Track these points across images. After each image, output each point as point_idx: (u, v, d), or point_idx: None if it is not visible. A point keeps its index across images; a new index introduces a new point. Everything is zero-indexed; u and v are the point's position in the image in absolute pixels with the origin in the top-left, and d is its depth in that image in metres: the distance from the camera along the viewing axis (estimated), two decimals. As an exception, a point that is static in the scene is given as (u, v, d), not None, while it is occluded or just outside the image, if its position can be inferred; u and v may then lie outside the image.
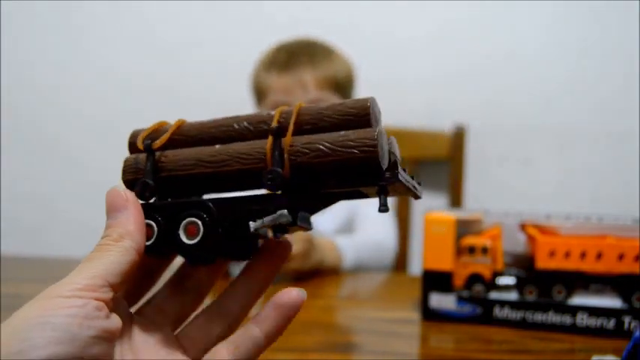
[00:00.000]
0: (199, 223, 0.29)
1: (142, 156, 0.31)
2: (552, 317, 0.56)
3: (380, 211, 0.28)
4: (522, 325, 0.57)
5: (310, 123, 0.29)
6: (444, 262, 0.59)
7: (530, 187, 1.29)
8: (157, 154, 0.31)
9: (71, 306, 0.23)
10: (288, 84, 0.98)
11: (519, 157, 1.29)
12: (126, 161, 0.32)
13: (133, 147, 0.32)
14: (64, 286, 0.24)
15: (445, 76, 1.27)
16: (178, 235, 0.29)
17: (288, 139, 0.28)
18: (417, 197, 0.31)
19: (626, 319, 0.54)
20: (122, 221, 0.27)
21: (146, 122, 0.33)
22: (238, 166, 0.29)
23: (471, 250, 0.58)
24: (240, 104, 0.97)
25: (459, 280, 0.59)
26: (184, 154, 0.30)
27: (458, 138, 1.19)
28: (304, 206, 0.29)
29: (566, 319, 0.56)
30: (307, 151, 0.27)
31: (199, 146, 0.30)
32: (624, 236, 0.56)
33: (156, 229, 0.29)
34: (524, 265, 0.59)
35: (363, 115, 0.28)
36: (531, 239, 0.59)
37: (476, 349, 0.52)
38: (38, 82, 1.39)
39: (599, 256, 0.55)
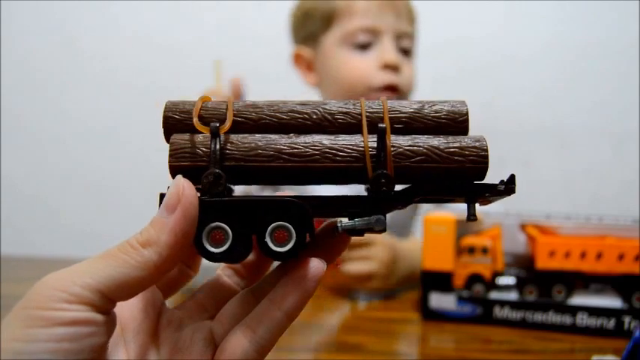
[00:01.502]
0: (291, 228, 0.25)
1: (201, 138, 0.26)
2: (552, 317, 0.56)
3: (469, 220, 0.27)
4: (522, 325, 0.57)
5: (402, 122, 0.27)
6: (444, 262, 0.59)
7: (530, 188, 1.28)
8: (222, 138, 0.26)
9: (55, 323, 0.21)
10: (379, 3, 0.82)
11: (519, 158, 1.29)
12: (175, 143, 0.26)
13: (171, 123, 0.27)
14: (49, 292, 0.22)
15: (445, 76, 1.27)
16: (265, 242, 0.25)
17: (389, 138, 0.26)
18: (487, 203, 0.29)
19: (626, 319, 0.54)
20: (160, 225, 0.23)
21: (146, 122, 0.32)
22: (328, 163, 0.26)
23: (471, 250, 0.58)
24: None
25: (459, 280, 0.59)
26: (256, 142, 0.26)
27: (458, 138, 1.19)
28: (394, 206, 0.27)
29: (566, 319, 0.56)
30: (412, 154, 0.26)
31: (266, 133, 0.27)
32: (624, 236, 0.56)
33: (230, 233, 0.25)
34: (524, 265, 0.59)
35: (462, 121, 0.27)
36: (531, 239, 0.59)
37: (476, 349, 0.52)
38: (38, 82, 1.39)
39: (599, 256, 0.55)
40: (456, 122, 0.27)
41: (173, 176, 0.25)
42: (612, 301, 0.55)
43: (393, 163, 0.26)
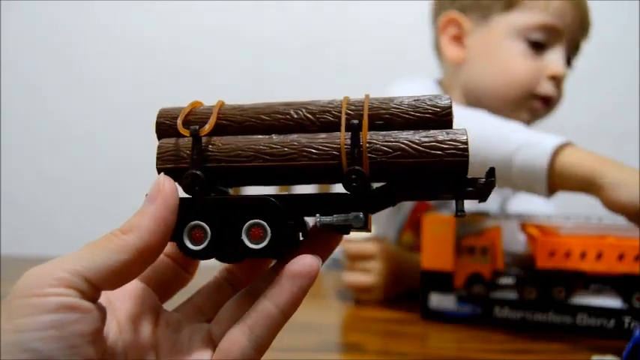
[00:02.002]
0: (266, 225, 0.26)
1: (183, 141, 0.27)
2: (552, 317, 0.56)
3: (457, 215, 0.26)
4: (522, 325, 0.57)
5: (383, 118, 0.26)
6: (444, 262, 0.59)
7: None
8: (204, 140, 0.27)
9: (42, 310, 0.21)
10: (570, 5, 0.76)
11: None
12: (162, 147, 0.28)
13: (163, 128, 0.28)
14: (35, 279, 0.22)
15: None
16: (241, 239, 0.26)
17: (365, 135, 0.26)
18: (484, 200, 0.28)
19: (626, 319, 0.54)
20: (140, 214, 0.25)
21: (146, 123, 0.32)
22: (305, 161, 0.26)
23: (471, 250, 0.58)
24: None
25: (459, 280, 0.59)
26: (237, 143, 0.27)
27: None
28: (373, 207, 0.26)
29: (566, 319, 0.56)
30: (388, 149, 0.25)
31: (249, 134, 0.27)
32: (624, 236, 0.56)
33: (209, 231, 0.26)
34: (524, 265, 0.59)
35: (444, 115, 0.26)
36: (531, 239, 0.59)
37: (476, 349, 0.52)
38: (38, 82, 1.39)
39: (599, 256, 0.55)
40: (437, 116, 0.26)
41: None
42: (612, 301, 0.55)
43: (368, 159, 0.25)
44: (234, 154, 0.27)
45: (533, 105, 0.77)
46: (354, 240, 0.69)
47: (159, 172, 0.27)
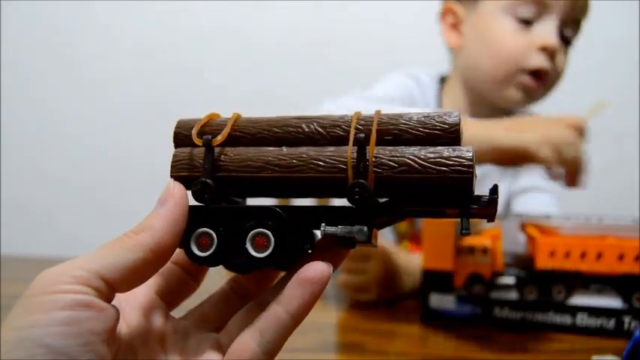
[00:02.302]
0: (270, 234, 0.26)
1: (197, 151, 0.28)
2: (552, 317, 0.56)
3: (462, 234, 0.26)
4: (522, 325, 0.57)
5: (392, 133, 0.27)
6: (444, 262, 0.59)
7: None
8: (217, 150, 0.28)
9: (57, 307, 0.22)
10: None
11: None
12: (177, 155, 0.29)
13: (180, 139, 0.29)
14: (50, 277, 0.23)
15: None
16: (245, 247, 0.26)
17: (372, 149, 0.26)
18: (492, 220, 0.28)
19: (626, 319, 0.54)
20: (153, 216, 0.25)
21: (147, 123, 0.33)
22: (312, 173, 0.26)
23: (471, 250, 0.58)
24: (242, 104, 0.97)
25: (459, 280, 0.59)
26: (247, 153, 0.28)
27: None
28: (379, 222, 0.27)
29: (566, 319, 0.56)
30: (394, 164, 0.25)
31: (262, 146, 0.28)
32: (624, 236, 0.56)
33: (216, 238, 0.27)
34: (524, 265, 0.59)
35: (452, 132, 0.26)
36: (531, 239, 0.59)
37: (476, 349, 0.52)
38: (39, 82, 1.39)
39: (599, 256, 0.55)
40: (446, 132, 0.26)
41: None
42: (612, 301, 0.55)
43: (374, 173, 0.26)
44: (245, 164, 0.27)
45: (523, 80, 0.77)
46: None
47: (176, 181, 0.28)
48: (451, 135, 0.26)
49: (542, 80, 0.78)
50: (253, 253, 0.26)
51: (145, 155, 1.33)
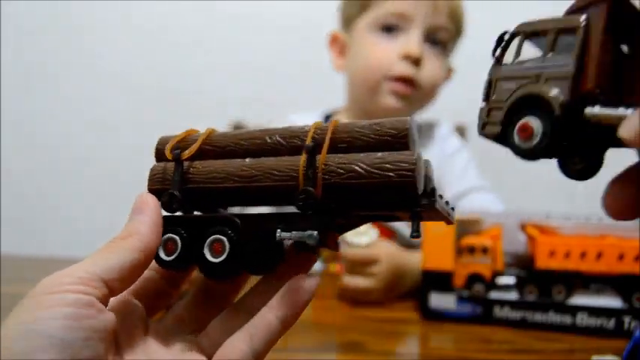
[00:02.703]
0: (225, 240, 0.28)
1: (170, 165, 0.30)
2: (552, 317, 0.56)
3: (412, 237, 0.27)
4: (522, 325, 0.57)
5: (346, 141, 0.27)
6: (444, 261, 0.59)
7: (530, 187, 1.28)
8: (186, 164, 0.30)
9: (60, 304, 0.23)
10: None
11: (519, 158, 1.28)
12: (153, 170, 0.31)
13: (160, 154, 0.31)
14: (55, 279, 0.24)
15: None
16: (203, 253, 0.28)
17: (322, 158, 0.27)
18: (450, 223, 0.30)
19: (626, 319, 0.54)
20: (135, 222, 0.28)
21: (147, 123, 0.33)
22: (269, 182, 0.28)
23: (471, 250, 0.58)
24: (241, 104, 0.97)
25: (459, 280, 0.59)
26: (214, 165, 0.29)
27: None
28: (333, 227, 0.28)
29: (566, 319, 0.56)
30: (342, 171, 0.26)
31: (230, 158, 0.30)
32: (624, 236, 0.56)
33: (180, 244, 0.29)
34: (524, 265, 0.59)
35: (401, 137, 0.27)
36: (531, 239, 0.59)
37: (476, 349, 0.52)
38: (39, 81, 1.39)
39: (599, 256, 0.55)
40: (395, 138, 0.27)
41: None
42: (612, 301, 0.55)
43: (322, 180, 0.26)
44: (211, 176, 0.29)
45: (392, 87, 0.81)
46: (355, 244, 0.68)
47: (151, 193, 0.30)
48: (401, 140, 0.26)
49: (413, 86, 0.82)
50: (210, 258, 0.28)
51: (145, 156, 1.33)
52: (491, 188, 0.91)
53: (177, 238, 0.29)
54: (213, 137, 0.30)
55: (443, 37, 0.83)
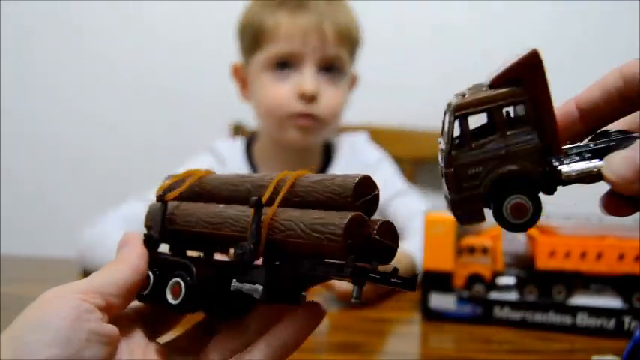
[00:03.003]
0: (182, 284, 0.29)
1: (162, 205, 0.32)
2: (552, 317, 0.56)
3: (353, 301, 0.25)
4: (522, 325, 0.57)
5: (299, 196, 0.27)
6: (444, 262, 0.59)
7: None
8: (174, 205, 0.32)
9: (65, 306, 0.25)
10: (303, 28, 0.80)
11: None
12: (150, 208, 0.33)
13: (157, 192, 0.33)
14: (61, 287, 0.27)
15: (445, 76, 1.27)
16: (165, 293, 0.30)
17: (269, 213, 0.27)
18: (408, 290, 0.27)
19: (626, 319, 0.54)
20: (124, 252, 0.30)
21: (147, 123, 0.33)
22: (227, 231, 0.29)
23: (471, 250, 0.58)
24: (242, 105, 0.97)
25: (459, 280, 0.59)
26: (192, 209, 0.31)
27: (458, 138, 1.19)
28: (283, 283, 0.28)
29: (566, 319, 0.56)
30: (283, 228, 0.26)
31: (210, 202, 0.31)
32: (624, 236, 0.56)
33: (152, 280, 0.30)
34: (524, 265, 0.59)
35: (345, 197, 0.25)
36: (531, 239, 0.59)
37: (476, 349, 0.52)
38: (39, 81, 1.39)
39: (599, 256, 0.55)
40: (341, 197, 0.26)
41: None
42: (612, 301, 0.55)
43: (267, 235, 0.27)
44: (187, 220, 0.31)
45: (295, 123, 0.83)
46: None
47: (146, 229, 0.33)
48: (345, 200, 0.25)
49: (313, 120, 0.83)
50: (170, 299, 0.29)
51: (146, 157, 1.33)
52: (410, 188, 0.93)
53: (151, 274, 0.30)
54: (204, 180, 0.32)
55: (337, 64, 0.84)
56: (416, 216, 0.84)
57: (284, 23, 0.80)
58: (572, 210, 0.65)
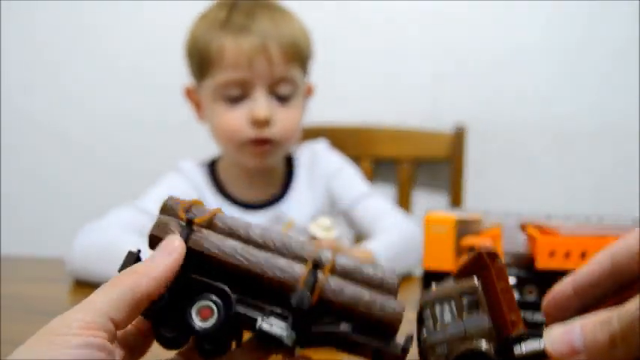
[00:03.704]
0: (215, 308, 0.29)
1: (174, 222, 0.31)
2: (552, 317, 0.56)
3: None
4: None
5: (339, 270, 0.30)
6: (444, 262, 0.59)
7: (530, 187, 1.29)
8: (195, 229, 0.31)
9: (71, 346, 0.24)
10: (248, 52, 0.79)
11: (519, 157, 1.29)
12: (159, 219, 0.32)
13: (167, 209, 0.32)
14: (66, 321, 0.25)
15: (445, 76, 1.27)
16: (190, 313, 0.29)
17: (326, 271, 0.30)
18: None
19: (626, 319, 0.54)
20: (155, 262, 0.28)
21: (147, 123, 0.33)
22: (271, 273, 0.29)
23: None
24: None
25: (459, 280, 0.59)
26: (219, 238, 0.31)
27: (458, 138, 1.19)
28: (309, 337, 0.29)
29: (566, 319, 0.56)
30: (341, 289, 0.29)
31: (237, 240, 0.31)
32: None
33: (166, 298, 0.29)
34: (524, 265, 0.59)
35: (388, 289, 0.32)
36: (531, 239, 0.59)
37: (476, 349, 0.52)
38: (39, 81, 1.39)
39: (599, 256, 0.55)
40: (387, 292, 0.32)
41: (150, 244, 0.30)
42: (612, 301, 0.55)
43: (320, 291, 0.29)
44: (221, 249, 0.30)
45: (250, 150, 0.83)
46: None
47: (150, 239, 0.30)
48: (390, 289, 0.32)
49: (269, 144, 0.83)
50: (196, 321, 0.28)
51: (146, 158, 1.33)
52: (373, 190, 0.94)
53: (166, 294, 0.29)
54: (222, 216, 0.32)
55: (285, 90, 0.83)
56: (382, 216, 0.87)
57: (229, 49, 0.79)
58: (572, 210, 0.65)
